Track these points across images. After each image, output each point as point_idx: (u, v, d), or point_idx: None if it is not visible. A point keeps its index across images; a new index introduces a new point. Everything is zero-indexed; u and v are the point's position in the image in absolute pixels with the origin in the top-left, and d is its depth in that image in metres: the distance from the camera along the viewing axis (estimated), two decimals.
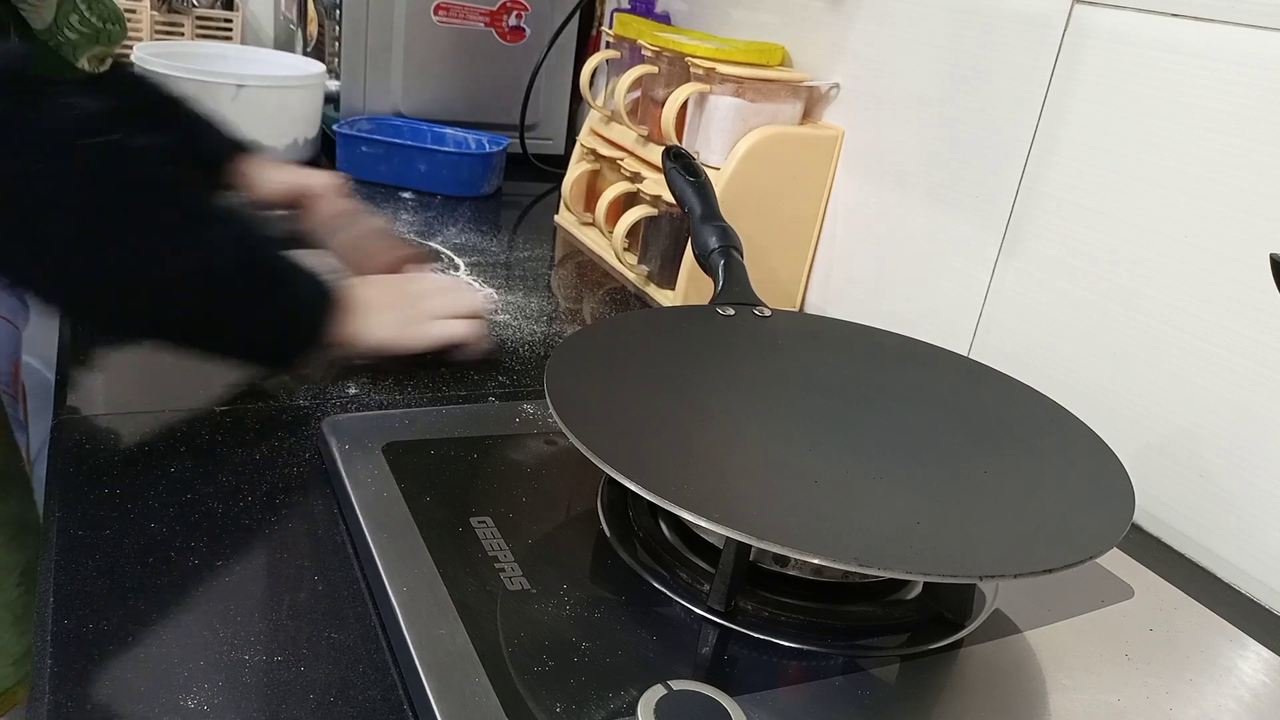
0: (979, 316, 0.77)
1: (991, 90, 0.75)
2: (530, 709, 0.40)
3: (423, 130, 1.24)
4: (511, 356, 0.76)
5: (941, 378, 0.63)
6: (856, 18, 0.89)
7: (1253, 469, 0.59)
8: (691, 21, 1.13)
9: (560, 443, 0.61)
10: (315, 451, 0.59)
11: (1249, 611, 0.58)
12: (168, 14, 1.44)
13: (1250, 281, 0.59)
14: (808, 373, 0.61)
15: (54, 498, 0.51)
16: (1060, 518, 0.48)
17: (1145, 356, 0.65)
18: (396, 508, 0.52)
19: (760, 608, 0.47)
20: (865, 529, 0.45)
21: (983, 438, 0.55)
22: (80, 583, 0.45)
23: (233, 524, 0.51)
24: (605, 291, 0.96)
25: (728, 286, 0.69)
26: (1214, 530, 0.62)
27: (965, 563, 0.44)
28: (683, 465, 0.49)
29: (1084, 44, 0.68)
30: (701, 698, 0.39)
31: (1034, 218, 0.72)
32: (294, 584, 0.47)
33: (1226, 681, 0.49)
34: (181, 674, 0.41)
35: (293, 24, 1.42)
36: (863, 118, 0.89)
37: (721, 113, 0.89)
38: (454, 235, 1.03)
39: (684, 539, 0.52)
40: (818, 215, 0.94)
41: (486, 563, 0.49)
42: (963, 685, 0.46)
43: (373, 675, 0.42)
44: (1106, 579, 0.56)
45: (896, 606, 0.50)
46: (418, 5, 1.23)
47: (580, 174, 1.08)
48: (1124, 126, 0.66)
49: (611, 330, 0.65)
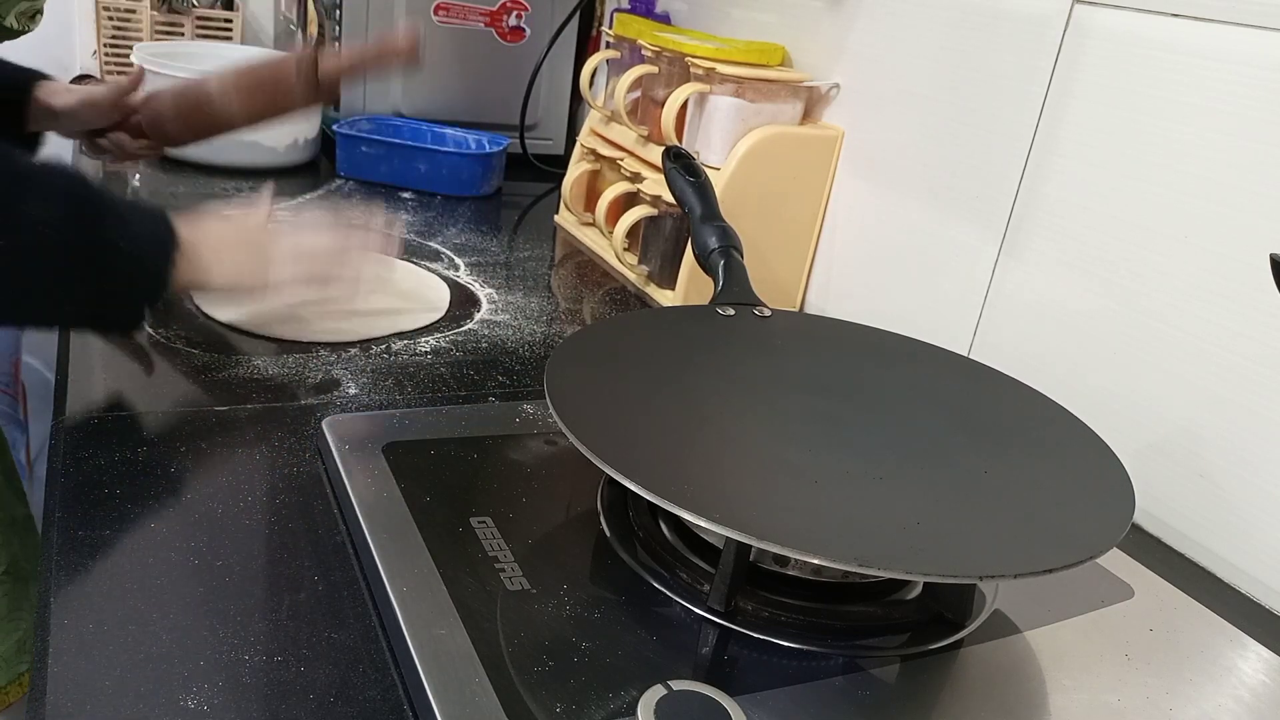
0: (979, 316, 0.77)
1: (991, 90, 0.76)
2: (530, 709, 0.40)
3: (423, 130, 1.24)
4: (511, 356, 0.76)
5: (941, 378, 0.63)
6: (856, 18, 0.89)
7: (1253, 469, 0.59)
8: (691, 21, 1.13)
9: (560, 443, 0.61)
10: (315, 451, 0.59)
11: (1249, 611, 0.58)
12: (168, 14, 1.44)
13: (1250, 281, 0.59)
14: (808, 373, 0.61)
15: (54, 497, 0.51)
16: (1060, 518, 0.48)
17: (1145, 356, 0.65)
18: (396, 508, 0.52)
19: (760, 608, 0.47)
20: (865, 529, 0.45)
21: (983, 438, 0.55)
22: (80, 583, 0.45)
23: (233, 524, 0.51)
24: (605, 291, 0.96)
25: (728, 286, 0.69)
26: (1214, 530, 0.62)
27: (965, 563, 0.44)
28: (683, 465, 0.49)
29: (1084, 44, 0.68)
30: (701, 698, 0.39)
31: (1034, 218, 0.72)
32: (294, 584, 0.47)
33: (1226, 681, 0.49)
34: (181, 674, 0.41)
35: (293, 24, 1.42)
36: (863, 118, 0.89)
37: (721, 113, 0.89)
38: (454, 235, 1.03)
39: (684, 539, 0.52)
40: (818, 215, 0.94)
41: (486, 563, 0.49)
42: (963, 685, 0.46)
43: (373, 675, 0.42)
44: (1106, 579, 0.56)
45: (896, 606, 0.50)
46: (418, 5, 1.23)
47: (580, 174, 1.08)
48: (1124, 126, 0.66)
49: (611, 330, 0.65)
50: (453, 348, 0.76)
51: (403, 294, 0.83)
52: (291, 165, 1.17)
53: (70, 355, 0.65)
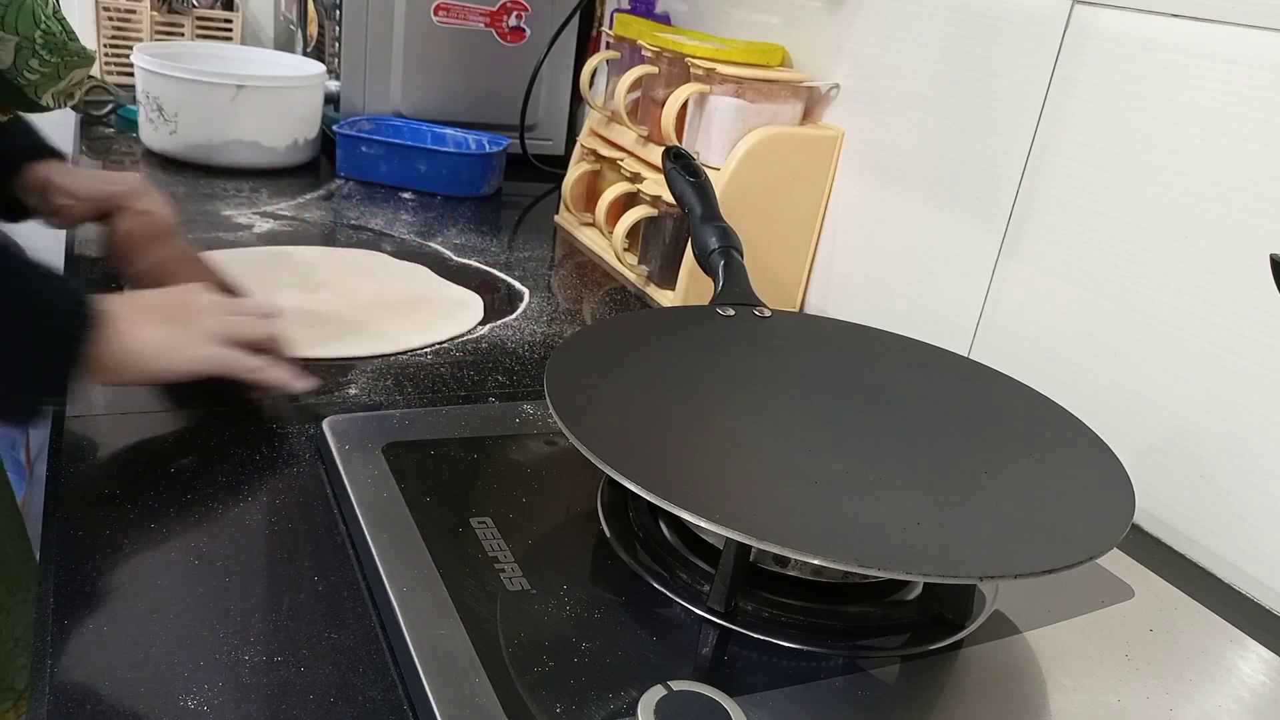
0: (979, 316, 0.77)
1: (991, 90, 0.75)
2: (530, 709, 0.40)
3: (423, 130, 1.24)
4: (511, 357, 0.76)
5: (941, 378, 0.63)
6: (856, 18, 0.89)
7: (1253, 469, 0.59)
8: (691, 22, 1.13)
9: (560, 443, 0.61)
10: (315, 451, 0.59)
11: (1249, 612, 0.58)
12: (168, 14, 1.44)
13: (1250, 282, 0.59)
14: (808, 373, 0.61)
15: (54, 497, 0.51)
16: (1060, 518, 0.48)
17: (1145, 357, 0.65)
18: (396, 508, 0.52)
19: (760, 608, 0.47)
20: (865, 529, 0.45)
21: (983, 438, 0.55)
22: (80, 583, 0.45)
23: (233, 524, 0.51)
24: (605, 291, 0.96)
25: (728, 287, 0.69)
26: (1214, 530, 0.62)
27: (965, 563, 0.44)
28: (682, 465, 0.49)
29: (1084, 44, 0.68)
30: (701, 698, 0.39)
31: (1034, 218, 0.72)
32: (294, 584, 0.47)
33: (1226, 682, 0.49)
34: (181, 674, 0.41)
35: (293, 24, 1.42)
36: (863, 118, 0.89)
37: (721, 113, 0.89)
38: (454, 236, 1.03)
39: (684, 539, 0.52)
40: (818, 215, 0.94)
41: (486, 563, 0.49)
42: (963, 686, 0.46)
43: (373, 675, 0.42)
44: (1106, 579, 0.56)
45: (896, 607, 0.50)
46: (418, 5, 1.23)
47: (580, 174, 1.08)
48: (1124, 126, 0.66)
49: (611, 330, 0.65)
50: (453, 348, 0.76)
51: (439, 313, 0.82)
52: (291, 165, 1.17)
53: None
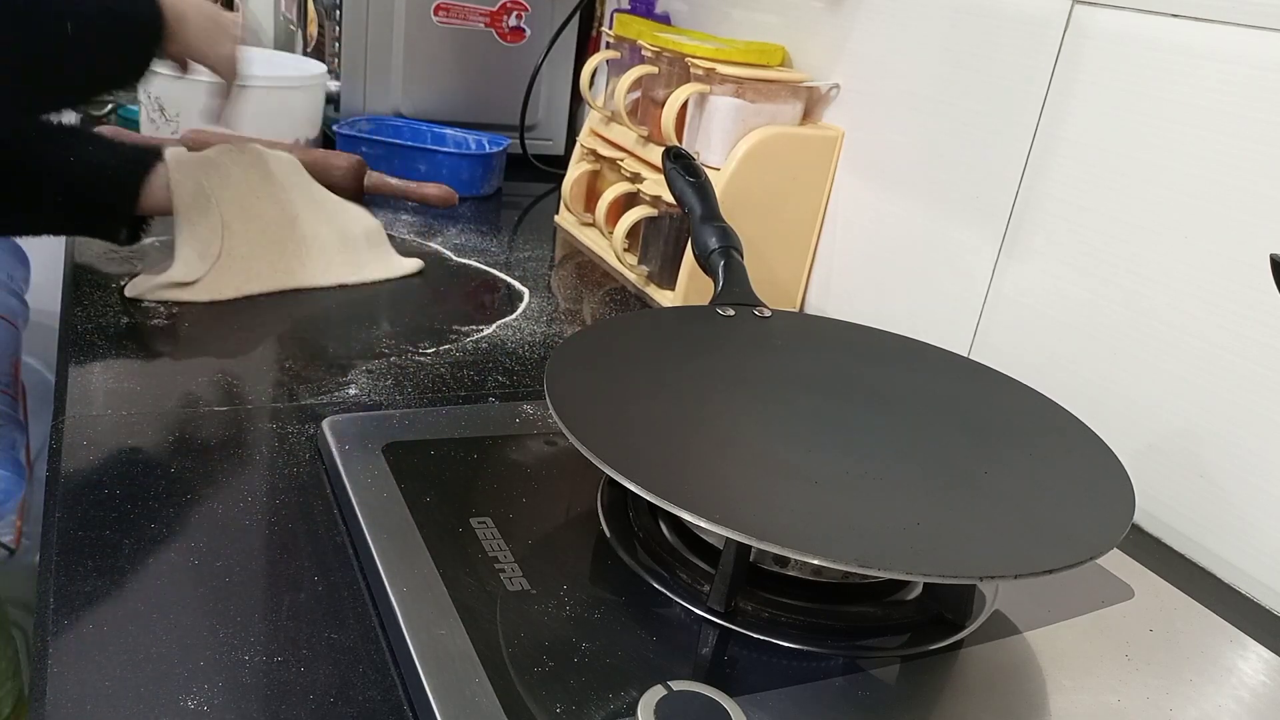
0: (979, 316, 0.77)
1: (991, 91, 0.75)
2: (530, 709, 0.40)
3: (423, 130, 1.23)
4: (511, 357, 0.76)
5: (941, 378, 0.63)
6: (856, 18, 0.89)
7: (1253, 469, 0.59)
8: (691, 22, 1.13)
9: (560, 443, 0.61)
10: (315, 451, 0.59)
11: (1249, 612, 0.58)
12: None
13: (1250, 282, 0.59)
14: (808, 373, 0.61)
15: (54, 497, 0.51)
16: (1060, 518, 0.48)
17: (1145, 356, 0.65)
18: (396, 508, 0.52)
19: (760, 608, 0.47)
20: (865, 529, 0.45)
21: (983, 438, 0.55)
22: (80, 583, 0.45)
23: (233, 524, 0.51)
24: (605, 291, 0.96)
25: (728, 287, 0.69)
26: (1214, 530, 0.62)
27: (965, 563, 0.44)
28: (682, 466, 0.49)
29: (1084, 44, 0.68)
30: (701, 698, 0.39)
31: (1034, 218, 0.72)
32: (294, 584, 0.47)
33: (1226, 682, 0.49)
34: (181, 674, 0.41)
35: (293, 24, 1.42)
36: (863, 118, 0.89)
37: (721, 113, 0.88)
38: (454, 235, 1.03)
39: (684, 540, 0.52)
40: (818, 215, 0.94)
41: (486, 563, 0.49)
42: (963, 686, 0.46)
43: (373, 675, 0.42)
44: (1106, 579, 0.56)
45: (896, 607, 0.50)
46: (418, 5, 1.23)
47: (580, 174, 1.08)
48: (1124, 126, 0.66)
49: (611, 330, 0.65)
50: (452, 348, 0.76)
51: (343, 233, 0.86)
52: None
53: (70, 355, 0.66)
